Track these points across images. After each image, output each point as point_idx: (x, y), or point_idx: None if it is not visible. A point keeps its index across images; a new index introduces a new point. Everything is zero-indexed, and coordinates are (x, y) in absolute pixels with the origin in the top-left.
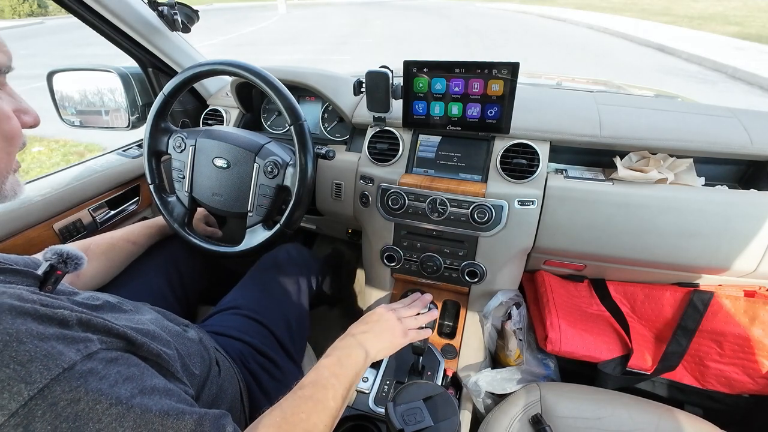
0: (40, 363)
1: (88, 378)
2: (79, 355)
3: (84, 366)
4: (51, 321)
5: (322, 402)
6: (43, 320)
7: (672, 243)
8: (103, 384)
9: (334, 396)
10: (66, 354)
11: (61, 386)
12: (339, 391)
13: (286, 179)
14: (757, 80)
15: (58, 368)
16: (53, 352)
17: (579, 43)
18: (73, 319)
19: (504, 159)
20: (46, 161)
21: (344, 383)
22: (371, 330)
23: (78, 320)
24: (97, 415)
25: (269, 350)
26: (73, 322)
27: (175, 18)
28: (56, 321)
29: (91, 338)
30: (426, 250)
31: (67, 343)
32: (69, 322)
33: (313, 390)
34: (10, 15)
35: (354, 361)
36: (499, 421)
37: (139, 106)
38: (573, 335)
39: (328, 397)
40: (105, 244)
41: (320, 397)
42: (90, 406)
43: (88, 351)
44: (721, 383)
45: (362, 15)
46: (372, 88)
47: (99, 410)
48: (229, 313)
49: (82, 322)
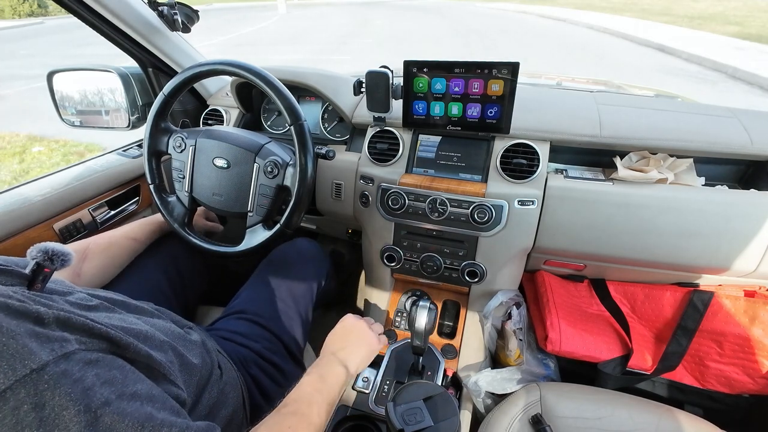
0: (6, 362)
1: (59, 380)
2: (52, 356)
3: (56, 367)
4: (24, 317)
5: (307, 417)
6: (16, 315)
7: (672, 243)
8: (76, 388)
9: (318, 412)
10: (37, 354)
11: (26, 389)
12: (323, 407)
13: (286, 179)
14: (757, 80)
15: (26, 369)
16: (23, 351)
17: (579, 43)
18: (50, 316)
19: (504, 159)
20: (46, 161)
21: (327, 399)
22: (348, 344)
23: (56, 318)
24: (64, 422)
25: (273, 356)
26: (50, 320)
27: (175, 18)
28: (31, 317)
29: (68, 338)
30: (426, 250)
31: (40, 342)
32: (45, 320)
33: (297, 406)
34: (10, 15)
35: (335, 379)
36: (499, 421)
37: (139, 106)
38: (573, 335)
39: (313, 413)
40: (105, 242)
41: (304, 411)
42: (56, 413)
43: (63, 351)
44: (721, 383)
45: (362, 15)
46: (372, 88)
47: (66, 417)
48: (235, 317)
49: (60, 320)
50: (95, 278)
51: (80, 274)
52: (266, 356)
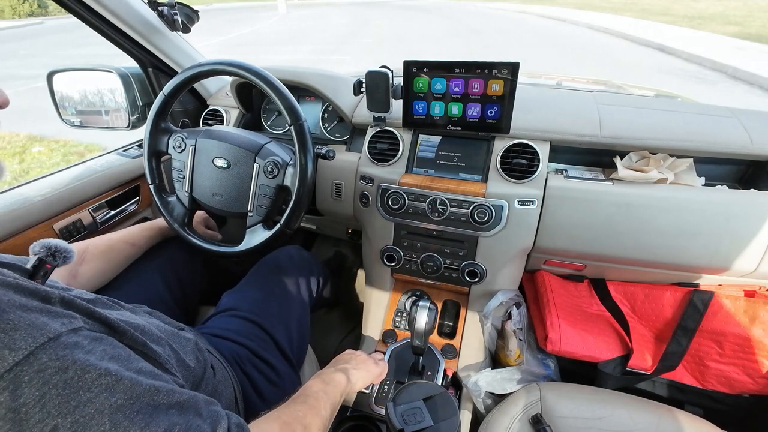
0: (24, 332)
1: (74, 349)
2: (64, 328)
3: (69, 338)
4: (33, 295)
5: (315, 408)
6: (26, 293)
7: (672, 243)
8: (90, 357)
9: (324, 407)
10: (50, 325)
11: (47, 354)
12: (328, 404)
13: (286, 179)
14: (757, 80)
15: (43, 337)
16: (37, 323)
17: (579, 43)
18: (55, 296)
19: (504, 159)
20: (46, 161)
21: (331, 399)
22: (348, 364)
23: (60, 298)
24: (87, 384)
25: (266, 353)
26: (56, 300)
27: (175, 18)
28: (39, 296)
29: (74, 316)
30: (426, 250)
31: (51, 317)
32: (51, 299)
33: (306, 398)
34: (10, 15)
35: (338, 384)
36: (499, 421)
37: (139, 106)
38: (573, 335)
39: (320, 406)
40: (103, 246)
41: (313, 404)
42: (79, 375)
43: (72, 326)
44: (721, 383)
45: (362, 15)
46: (372, 88)
47: (88, 379)
48: (228, 315)
49: (65, 301)
50: (91, 281)
51: (76, 275)
52: (260, 354)
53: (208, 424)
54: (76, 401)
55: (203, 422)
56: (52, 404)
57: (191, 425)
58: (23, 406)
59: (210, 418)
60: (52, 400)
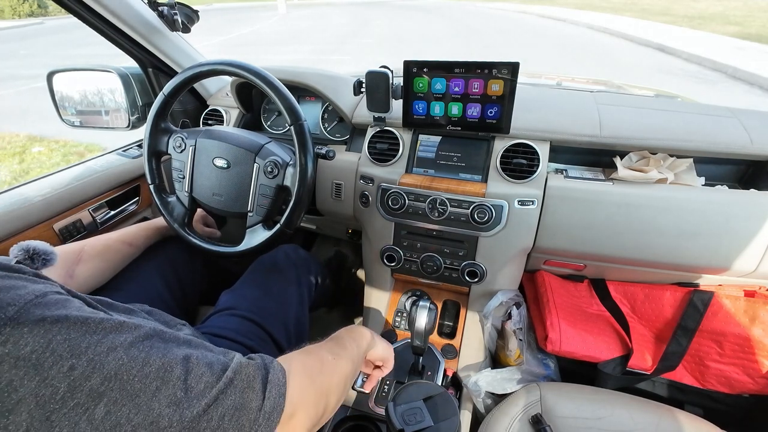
0: (8, 293)
1: (65, 304)
2: (48, 288)
3: (57, 296)
4: (8, 269)
5: (341, 343)
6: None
7: (672, 243)
8: (83, 312)
9: (351, 347)
10: (34, 287)
11: (39, 309)
12: (354, 347)
13: (286, 179)
14: (757, 80)
15: (30, 295)
16: (18, 285)
17: (579, 43)
18: (29, 271)
19: (504, 159)
20: (46, 161)
21: (358, 344)
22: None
23: (35, 273)
24: (91, 328)
25: (265, 352)
26: (30, 274)
27: (175, 18)
28: (12, 269)
29: (54, 283)
30: (426, 250)
31: (32, 282)
32: (25, 272)
33: (333, 343)
34: (10, 15)
35: (362, 334)
36: (499, 421)
37: (139, 106)
38: (573, 335)
39: (347, 343)
40: (100, 246)
41: (339, 342)
42: (80, 322)
43: (56, 288)
44: (721, 383)
45: (362, 15)
46: (372, 88)
47: (91, 324)
48: (226, 314)
49: (40, 276)
50: (88, 281)
51: (73, 276)
52: (259, 353)
53: (222, 354)
54: (85, 343)
55: (218, 354)
56: (61, 348)
57: (206, 356)
58: (32, 354)
59: (222, 353)
60: (60, 344)
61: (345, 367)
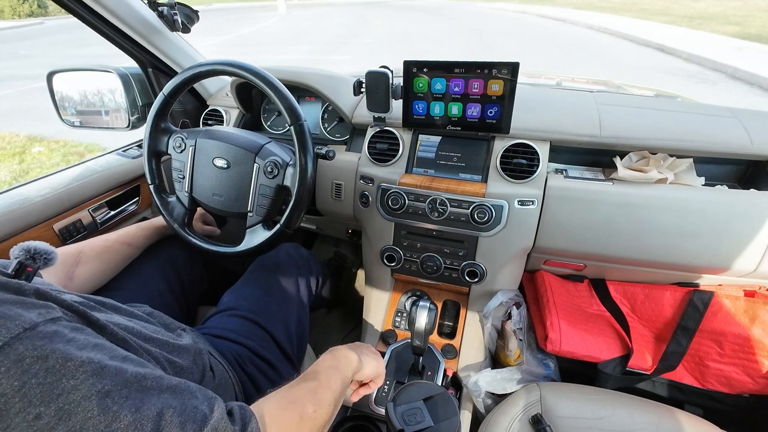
0: None
1: (53, 338)
2: (41, 318)
3: (47, 328)
4: (4, 288)
5: (325, 383)
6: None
7: (672, 243)
8: (71, 346)
9: (335, 381)
10: (25, 316)
11: (23, 345)
12: (338, 379)
13: (286, 179)
14: (757, 80)
15: (18, 328)
16: (10, 314)
17: (579, 43)
18: (29, 288)
19: (504, 159)
20: (46, 161)
21: (342, 374)
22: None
23: (35, 291)
24: (70, 371)
25: (267, 353)
26: (30, 292)
27: (175, 18)
28: (11, 289)
29: (52, 306)
30: (426, 250)
31: (25, 308)
32: (25, 291)
33: (316, 375)
34: (10, 15)
35: (350, 361)
36: (499, 421)
37: (139, 106)
38: (573, 335)
39: (331, 381)
40: (100, 247)
41: (323, 379)
42: (60, 363)
43: (50, 316)
44: (721, 383)
45: (362, 15)
46: (372, 88)
47: (71, 367)
48: (227, 314)
49: (39, 293)
50: (88, 282)
51: (72, 277)
52: (261, 354)
53: (205, 405)
54: (59, 389)
55: (199, 403)
56: (33, 393)
57: (186, 406)
58: (2, 396)
59: (206, 400)
60: (32, 389)
61: (326, 413)
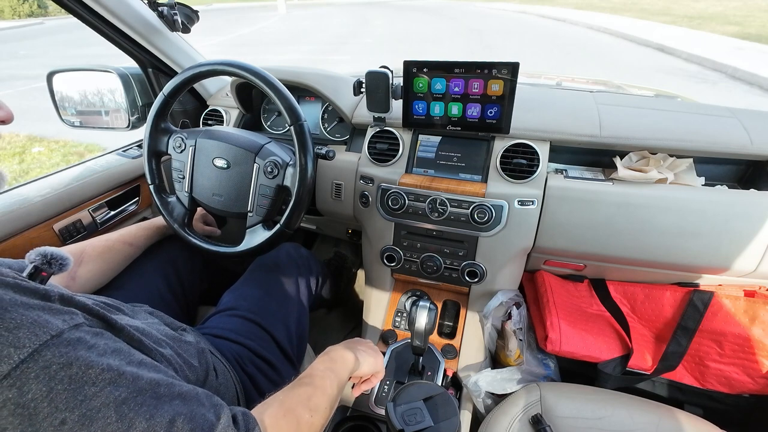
0: (28, 330)
1: (76, 345)
2: (66, 325)
3: (72, 335)
4: (33, 294)
5: (321, 387)
6: (26, 292)
7: (672, 243)
8: (92, 353)
9: (331, 384)
10: (53, 323)
11: (51, 351)
12: (334, 382)
13: (286, 179)
14: (757, 80)
15: (46, 335)
16: (39, 320)
17: (579, 43)
18: (54, 294)
19: (504, 159)
20: (46, 161)
21: (338, 376)
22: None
23: (60, 296)
24: (91, 378)
25: (267, 353)
26: (55, 298)
27: (175, 18)
28: (39, 294)
29: (75, 312)
30: (426, 250)
31: (52, 314)
32: (51, 297)
33: (311, 379)
34: (10, 15)
35: (346, 362)
36: (499, 421)
37: (139, 106)
38: (573, 335)
39: (326, 385)
40: (101, 247)
41: (318, 384)
42: (83, 371)
43: (74, 322)
44: (721, 383)
45: (362, 15)
46: (372, 88)
47: (92, 374)
48: (227, 314)
49: (64, 299)
50: (90, 282)
51: (75, 278)
52: (261, 354)
53: (212, 413)
54: (82, 395)
55: (207, 411)
56: (59, 399)
57: (195, 414)
58: (32, 402)
59: (213, 408)
60: (59, 395)
61: (323, 417)
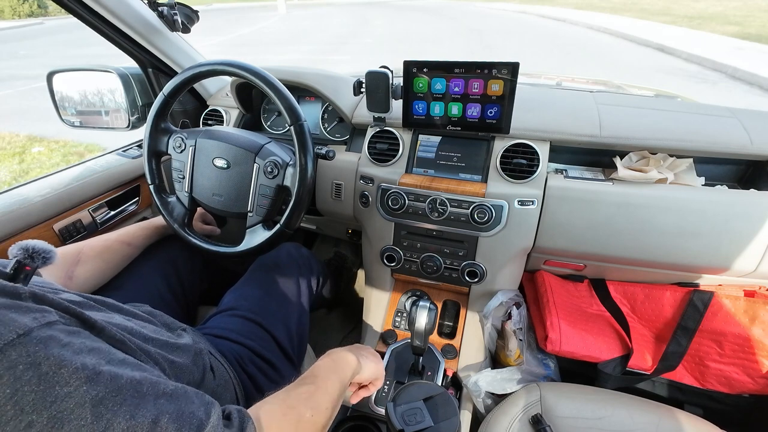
0: None
1: (48, 343)
2: (36, 323)
3: (42, 333)
4: (1, 293)
5: (323, 387)
6: None
7: (672, 243)
8: (66, 351)
9: (333, 385)
10: (20, 321)
11: (17, 351)
12: (336, 383)
13: (286, 179)
14: (757, 80)
15: (12, 334)
16: (4, 319)
17: (579, 43)
18: (26, 292)
19: (504, 159)
20: (46, 161)
21: (340, 377)
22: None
23: (32, 294)
24: (63, 378)
25: (267, 353)
26: (26, 296)
27: (175, 18)
28: (7, 293)
29: (48, 310)
30: (426, 250)
31: (21, 312)
32: (21, 295)
33: (313, 378)
34: (10, 15)
35: (348, 363)
36: (499, 421)
37: (139, 106)
38: (573, 335)
39: (328, 385)
40: (100, 246)
41: (320, 383)
42: (54, 370)
43: (46, 320)
44: (721, 383)
45: (362, 15)
46: (372, 88)
47: (64, 374)
48: (228, 314)
49: (37, 297)
50: (88, 282)
51: (72, 277)
52: (261, 354)
53: (202, 411)
54: (52, 396)
55: (196, 409)
56: (25, 400)
57: (183, 412)
58: None
59: (203, 405)
60: (25, 396)
61: (324, 417)
